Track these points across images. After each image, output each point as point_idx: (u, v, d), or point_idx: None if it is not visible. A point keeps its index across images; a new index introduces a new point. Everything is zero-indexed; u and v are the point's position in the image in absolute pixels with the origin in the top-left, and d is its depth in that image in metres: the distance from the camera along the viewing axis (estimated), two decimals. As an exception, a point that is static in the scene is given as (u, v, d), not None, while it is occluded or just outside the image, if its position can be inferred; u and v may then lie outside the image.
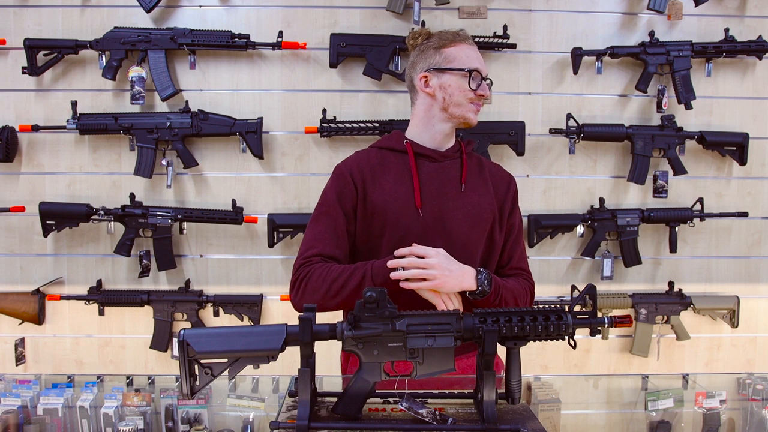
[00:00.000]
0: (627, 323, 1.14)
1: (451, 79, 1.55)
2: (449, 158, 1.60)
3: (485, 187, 1.61)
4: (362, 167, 1.57)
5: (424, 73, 1.58)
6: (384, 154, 1.61)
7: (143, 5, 2.49)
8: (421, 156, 1.58)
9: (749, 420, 1.74)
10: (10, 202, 2.59)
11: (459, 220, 1.55)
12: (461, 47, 1.57)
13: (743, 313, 2.68)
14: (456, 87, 1.55)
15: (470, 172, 1.61)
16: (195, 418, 1.62)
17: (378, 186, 1.55)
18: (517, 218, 1.66)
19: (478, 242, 1.57)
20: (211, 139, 2.61)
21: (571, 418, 1.64)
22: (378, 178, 1.56)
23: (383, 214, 1.53)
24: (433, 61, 1.57)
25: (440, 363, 1.12)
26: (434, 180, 1.56)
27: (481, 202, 1.58)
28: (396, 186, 1.55)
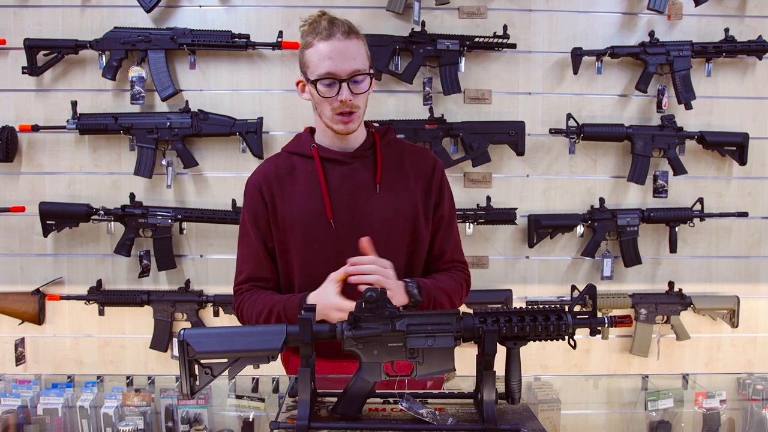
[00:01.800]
0: (627, 323, 1.14)
1: (311, 89, 1.41)
2: (360, 158, 1.48)
3: (405, 181, 1.49)
4: (270, 180, 1.48)
5: (299, 78, 1.46)
6: (293, 160, 1.51)
7: (143, 5, 2.49)
8: (329, 161, 1.47)
9: (749, 420, 1.74)
10: (10, 202, 2.59)
11: (376, 225, 1.44)
12: (315, 47, 1.37)
13: (743, 313, 2.68)
14: (317, 98, 1.40)
15: (386, 168, 1.48)
16: (195, 418, 1.62)
17: (287, 199, 1.47)
18: (446, 207, 1.53)
19: (399, 245, 1.48)
20: (211, 139, 2.61)
21: (571, 418, 1.64)
22: (286, 190, 1.47)
23: (293, 229, 1.46)
24: (301, 65, 1.43)
25: (440, 363, 1.12)
26: (345, 185, 1.46)
27: (400, 200, 1.47)
28: (305, 197, 1.46)
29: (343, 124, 1.42)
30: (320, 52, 1.37)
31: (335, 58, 1.35)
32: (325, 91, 1.37)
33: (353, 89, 1.37)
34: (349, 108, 1.39)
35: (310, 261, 1.45)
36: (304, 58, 1.42)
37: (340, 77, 1.36)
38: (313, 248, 1.45)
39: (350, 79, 1.37)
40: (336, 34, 1.37)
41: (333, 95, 1.37)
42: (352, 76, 1.37)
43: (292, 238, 1.47)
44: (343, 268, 1.34)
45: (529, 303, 2.61)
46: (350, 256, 1.37)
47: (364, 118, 1.49)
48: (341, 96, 1.36)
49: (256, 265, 1.50)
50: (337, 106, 1.38)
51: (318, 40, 1.38)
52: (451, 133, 2.55)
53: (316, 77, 1.37)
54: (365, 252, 1.35)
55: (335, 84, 1.37)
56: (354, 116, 1.41)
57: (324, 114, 1.44)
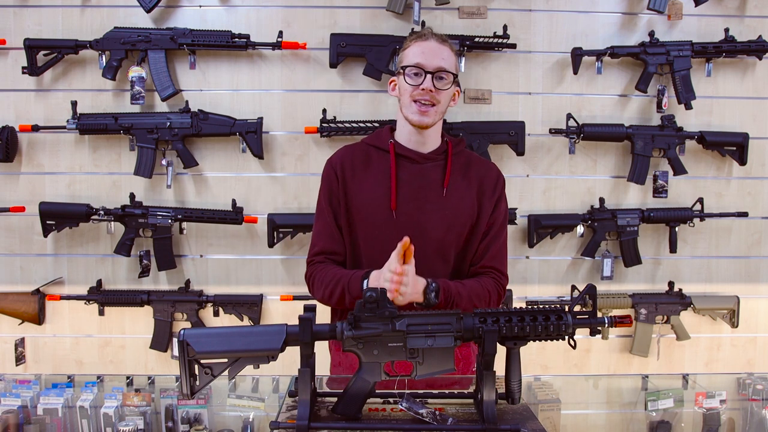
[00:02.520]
0: (627, 323, 1.14)
1: (401, 80, 1.55)
2: (432, 160, 1.60)
3: (468, 189, 1.60)
4: (345, 164, 1.60)
5: (392, 78, 1.61)
6: (370, 151, 1.62)
7: (143, 5, 2.49)
8: (403, 157, 1.58)
9: (749, 420, 1.74)
10: (10, 202, 2.59)
11: (435, 223, 1.55)
12: (413, 46, 1.54)
13: (743, 313, 2.68)
14: (403, 88, 1.54)
15: (454, 174, 1.60)
16: (195, 418, 1.62)
17: (358, 184, 1.58)
18: (500, 215, 1.63)
19: (451, 246, 1.58)
20: (211, 139, 2.61)
21: (571, 418, 1.64)
22: (359, 176, 1.59)
23: (359, 212, 1.57)
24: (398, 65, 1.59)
25: (440, 363, 1.12)
26: (414, 182, 1.57)
27: (461, 206, 1.57)
28: (375, 186, 1.57)
29: (419, 115, 1.52)
30: (415, 48, 1.53)
31: (426, 53, 1.51)
32: (412, 78, 1.51)
33: (436, 83, 1.50)
34: (429, 99, 1.50)
35: (373, 246, 1.56)
36: (402, 55, 1.58)
37: (426, 68, 1.50)
38: (375, 235, 1.56)
39: (435, 74, 1.50)
40: (431, 38, 1.54)
41: (418, 83, 1.50)
42: (438, 71, 1.50)
43: (358, 222, 1.58)
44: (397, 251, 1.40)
45: (529, 303, 2.61)
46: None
47: (441, 120, 1.60)
48: (424, 84, 1.49)
49: (329, 240, 1.61)
50: (417, 93, 1.50)
51: (416, 41, 1.55)
52: (451, 133, 2.55)
53: (405, 65, 1.52)
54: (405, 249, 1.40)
55: (421, 74, 1.50)
56: (431, 109, 1.52)
57: (404, 104, 1.55)
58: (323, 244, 1.61)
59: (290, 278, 2.66)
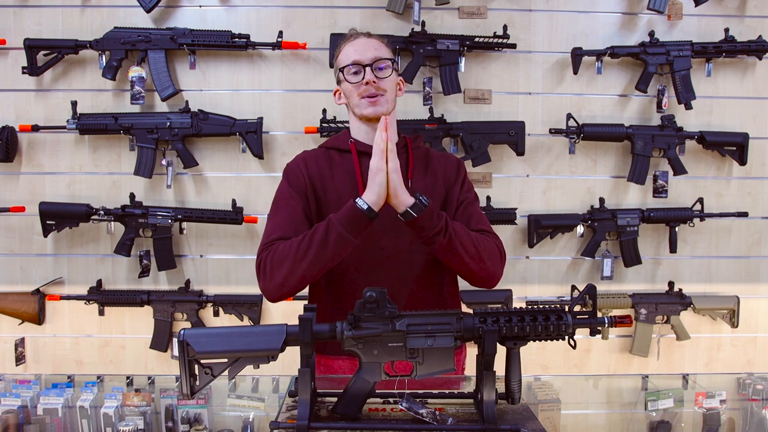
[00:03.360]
0: (627, 323, 1.14)
1: (343, 85, 1.56)
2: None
3: (433, 178, 1.60)
4: (310, 165, 1.59)
5: (336, 88, 1.62)
6: (331, 155, 1.61)
7: (143, 5, 2.49)
8: (365, 154, 1.57)
9: (749, 420, 1.74)
10: (10, 202, 2.59)
11: None
12: (344, 48, 1.56)
13: (743, 313, 2.68)
14: (347, 90, 1.56)
15: (416, 166, 1.60)
16: (195, 418, 1.62)
17: (325, 186, 1.56)
18: (468, 192, 1.64)
19: None
20: (211, 139, 2.61)
21: (571, 418, 1.64)
22: (325, 178, 1.57)
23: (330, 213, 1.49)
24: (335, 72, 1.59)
25: (440, 363, 1.12)
26: None
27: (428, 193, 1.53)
28: (342, 186, 1.56)
29: (371, 106, 1.52)
30: (347, 49, 1.55)
31: (358, 49, 1.53)
32: (352, 77, 1.53)
33: (377, 74, 1.51)
34: (375, 90, 1.51)
35: None
36: (336, 62, 1.59)
37: (363, 63, 1.51)
38: None
39: (373, 64, 1.51)
40: (359, 36, 1.57)
41: (359, 80, 1.52)
42: (374, 62, 1.51)
43: None
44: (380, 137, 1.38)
45: (529, 303, 2.61)
46: (383, 244, 1.51)
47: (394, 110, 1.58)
48: (365, 78, 1.50)
49: (291, 228, 1.48)
50: (362, 89, 1.52)
51: (344, 43, 1.57)
52: (451, 133, 2.55)
53: (342, 66, 1.54)
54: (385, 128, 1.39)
55: (360, 70, 1.52)
56: (380, 98, 1.53)
57: (354, 104, 1.56)
58: (283, 233, 1.47)
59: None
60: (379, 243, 1.52)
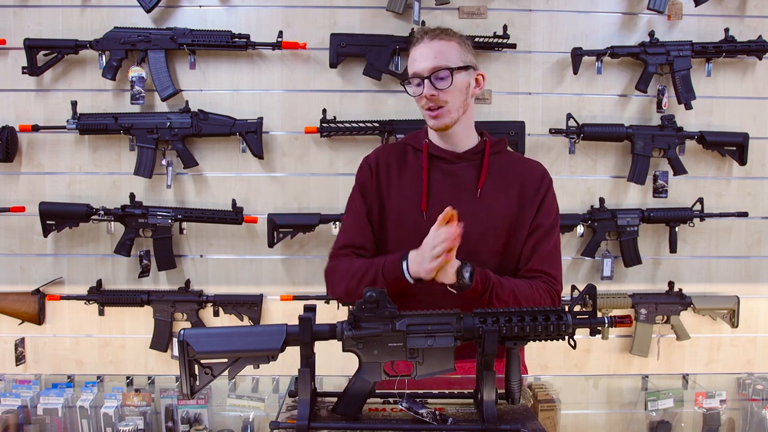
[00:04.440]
0: (627, 323, 1.14)
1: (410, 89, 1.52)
2: (466, 160, 1.54)
3: (507, 190, 1.52)
4: (380, 163, 1.58)
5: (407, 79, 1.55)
6: (407, 150, 1.60)
7: (143, 5, 2.49)
8: (436, 157, 1.54)
9: (749, 420, 1.74)
10: (10, 202, 2.59)
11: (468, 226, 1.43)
12: (412, 52, 1.49)
13: (743, 313, 2.67)
14: (414, 98, 1.51)
15: (491, 175, 1.52)
16: (195, 418, 1.62)
17: (392, 184, 1.55)
18: (547, 216, 1.53)
19: (488, 251, 1.49)
20: (211, 139, 2.61)
21: (571, 418, 1.63)
22: (394, 175, 1.56)
23: (391, 213, 1.54)
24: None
25: (440, 363, 1.12)
26: (446, 183, 1.52)
27: (497, 207, 1.50)
28: (408, 186, 1.54)
29: (433, 119, 1.49)
30: (413, 55, 1.49)
31: (419, 59, 1.46)
32: (414, 90, 1.48)
33: (436, 85, 1.45)
34: (434, 103, 1.46)
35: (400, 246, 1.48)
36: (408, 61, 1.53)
37: (422, 75, 1.45)
38: (405, 236, 1.50)
39: (431, 76, 1.44)
40: (424, 39, 1.47)
41: (419, 93, 1.47)
42: (433, 73, 1.44)
43: (389, 223, 1.54)
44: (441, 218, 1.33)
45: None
46: None
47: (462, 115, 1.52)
48: (423, 92, 1.45)
49: (359, 233, 1.55)
50: (423, 103, 1.48)
51: (412, 48, 1.50)
52: (451, 133, 2.54)
53: (409, 78, 1.49)
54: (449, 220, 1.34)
55: (421, 83, 1.46)
56: (442, 111, 1.47)
57: (422, 114, 1.53)
58: (352, 238, 1.55)
59: (290, 278, 2.66)
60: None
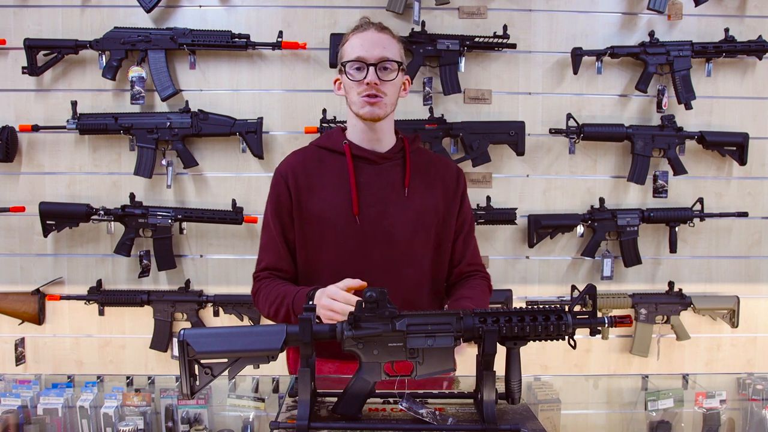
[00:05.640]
0: (627, 323, 1.14)
1: (344, 77, 1.47)
2: (389, 160, 1.52)
3: (431, 187, 1.53)
4: (297, 171, 1.52)
5: (336, 77, 1.53)
6: (322, 155, 1.54)
7: (143, 5, 2.49)
8: (360, 158, 1.50)
9: (749, 420, 1.74)
10: (10, 202, 2.59)
11: (401, 226, 1.48)
12: (351, 39, 1.46)
13: (743, 313, 2.68)
14: (347, 85, 1.47)
15: (414, 173, 1.52)
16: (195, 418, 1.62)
17: (314, 193, 1.50)
18: (468, 214, 1.60)
19: (423, 248, 1.51)
20: (211, 139, 2.61)
21: (571, 418, 1.63)
22: (314, 183, 1.51)
23: (320, 224, 1.49)
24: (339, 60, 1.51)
25: (440, 363, 1.12)
26: (374, 184, 1.49)
27: (425, 204, 1.51)
28: (333, 192, 1.49)
29: (369, 106, 1.45)
30: (353, 41, 1.46)
31: (365, 45, 1.44)
32: (354, 74, 1.44)
33: (380, 75, 1.43)
34: (375, 92, 1.43)
35: (335, 256, 1.48)
36: (341, 50, 1.50)
37: (368, 61, 1.42)
38: (338, 243, 1.48)
39: (378, 65, 1.42)
40: (370, 29, 1.46)
41: (361, 78, 1.43)
42: (380, 62, 1.43)
43: (317, 232, 1.50)
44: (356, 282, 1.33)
45: (529, 303, 2.61)
46: (374, 254, 1.45)
47: (392, 115, 1.52)
48: (367, 78, 1.42)
49: (275, 256, 1.55)
50: (363, 89, 1.43)
51: (354, 33, 1.47)
52: (451, 133, 2.55)
53: (345, 60, 1.45)
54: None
55: (363, 68, 1.43)
56: (380, 101, 1.45)
57: (352, 101, 1.48)
58: (268, 260, 1.56)
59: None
60: (370, 255, 1.47)
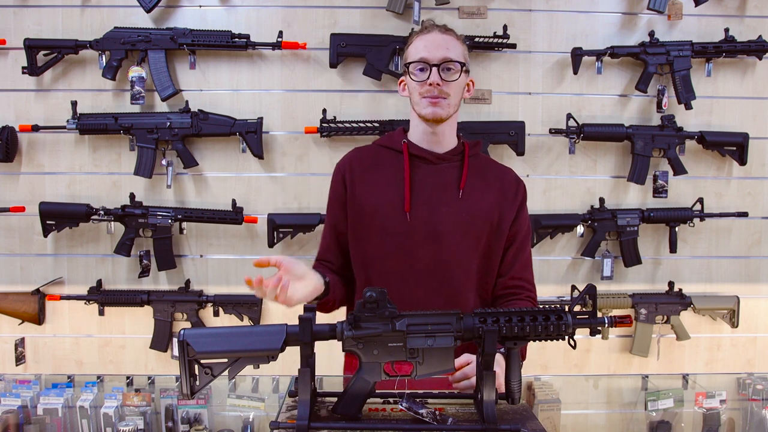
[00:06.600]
0: (627, 323, 1.14)
1: (408, 79, 1.49)
2: (447, 161, 1.53)
3: (487, 193, 1.52)
4: (354, 166, 1.55)
5: (401, 78, 1.55)
6: (381, 153, 1.57)
7: (143, 5, 2.49)
8: (417, 158, 1.52)
9: (749, 420, 1.74)
10: (10, 202, 2.59)
11: (451, 227, 1.48)
12: (416, 41, 1.48)
13: (743, 313, 2.67)
14: (411, 86, 1.48)
15: (471, 176, 1.52)
16: (195, 418, 1.62)
17: (368, 187, 1.52)
18: (523, 225, 1.56)
19: (471, 252, 1.50)
20: (211, 139, 2.61)
21: (571, 418, 1.64)
22: (369, 178, 1.53)
23: (370, 216, 1.50)
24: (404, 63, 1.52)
25: (440, 363, 1.12)
26: (429, 184, 1.50)
27: (478, 209, 1.50)
28: (387, 188, 1.51)
29: (431, 107, 1.45)
30: (418, 43, 1.47)
31: (429, 46, 1.44)
32: (418, 74, 1.45)
33: (444, 75, 1.44)
34: (438, 93, 1.44)
35: (384, 251, 1.49)
36: (406, 53, 1.51)
37: (431, 62, 1.43)
38: (387, 239, 1.49)
39: (441, 65, 1.43)
40: (434, 30, 1.47)
41: (424, 79, 1.44)
42: (443, 62, 1.43)
43: (367, 225, 1.51)
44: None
45: (529, 303, 2.60)
46: (421, 252, 1.46)
47: (455, 117, 1.53)
48: (430, 79, 1.43)
49: (324, 247, 1.60)
50: (425, 89, 1.44)
51: (418, 35, 1.48)
52: (451, 133, 2.54)
53: (410, 61, 1.46)
54: None
55: (427, 68, 1.44)
56: (443, 102, 1.45)
57: (415, 102, 1.49)
58: (320, 250, 1.62)
59: (290, 278, 2.66)
60: (417, 253, 1.47)
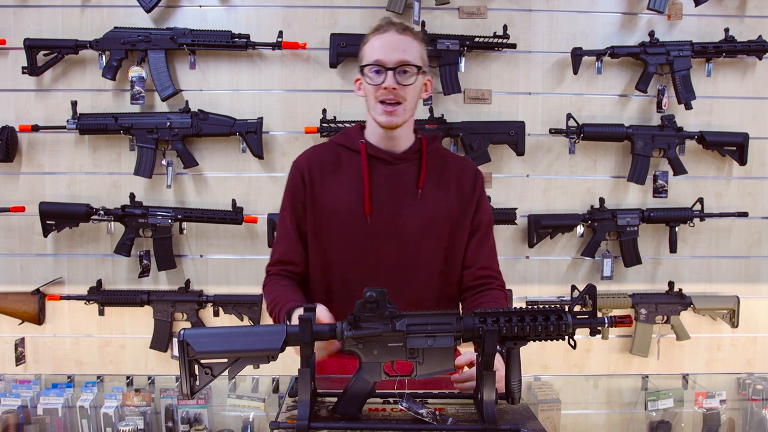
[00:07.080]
0: (627, 323, 1.14)
1: (364, 80, 1.44)
2: (405, 161, 1.50)
3: (446, 190, 1.51)
4: (313, 166, 1.52)
5: (357, 77, 1.49)
6: (339, 152, 1.53)
7: (143, 5, 2.49)
8: (375, 158, 1.49)
9: (749, 420, 1.74)
10: (10, 202, 2.59)
11: (412, 227, 1.47)
12: (371, 41, 1.43)
13: (743, 313, 2.67)
14: (366, 88, 1.44)
15: (429, 174, 1.50)
16: (195, 418, 1.62)
17: (327, 189, 1.49)
18: (484, 216, 1.55)
19: (433, 252, 1.49)
20: (211, 139, 2.61)
21: (571, 418, 1.64)
22: (328, 180, 1.50)
23: (331, 220, 1.49)
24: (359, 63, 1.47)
25: (440, 363, 1.12)
26: (387, 185, 1.48)
27: (439, 208, 1.49)
28: (346, 190, 1.48)
29: (386, 115, 1.42)
30: (373, 43, 1.42)
31: (385, 48, 1.40)
32: (373, 77, 1.41)
33: (399, 79, 1.39)
34: (393, 97, 1.40)
35: (345, 254, 1.47)
36: (361, 52, 1.46)
37: (387, 65, 1.39)
38: (348, 242, 1.47)
39: (397, 68, 1.39)
40: (390, 30, 1.42)
41: (379, 82, 1.39)
42: (399, 66, 1.39)
43: (328, 229, 1.49)
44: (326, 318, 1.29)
45: (529, 303, 2.61)
46: (383, 254, 1.43)
47: (412, 118, 1.50)
48: (386, 83, 1.38)
49: (287, 248, 1.53)
50: (381, 93, 1.40)
51: (374, 35, 1.43)
52: (451, 133, 2.55)
53: (365, 63, 1.42)
54: None
55: (382, 72, 1.39)
56: (398, 108, 1.42)
57: (371, 105, 1.46)
58: (280, 252, 1.54)
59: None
60: (379, 255, 1.47)
